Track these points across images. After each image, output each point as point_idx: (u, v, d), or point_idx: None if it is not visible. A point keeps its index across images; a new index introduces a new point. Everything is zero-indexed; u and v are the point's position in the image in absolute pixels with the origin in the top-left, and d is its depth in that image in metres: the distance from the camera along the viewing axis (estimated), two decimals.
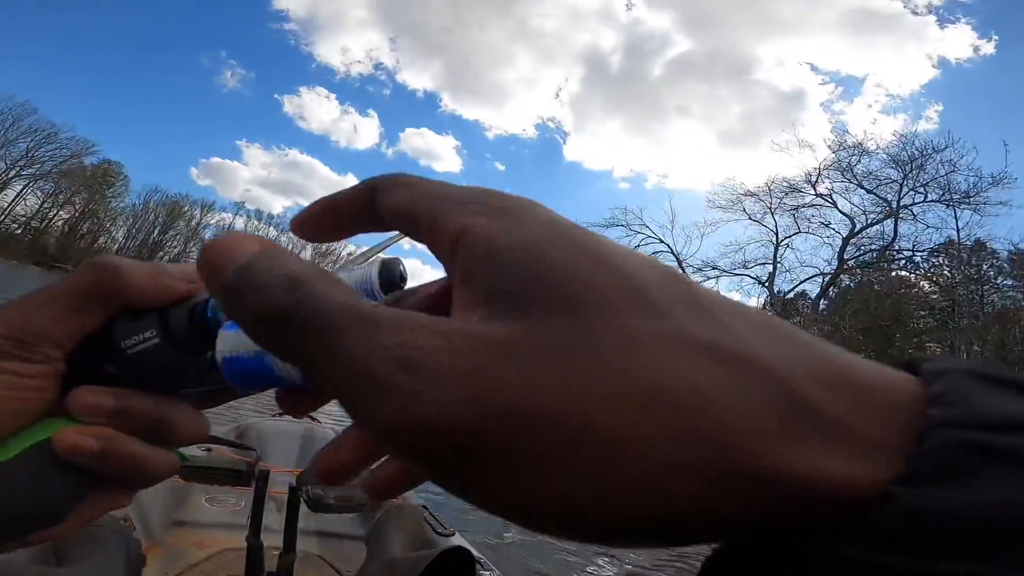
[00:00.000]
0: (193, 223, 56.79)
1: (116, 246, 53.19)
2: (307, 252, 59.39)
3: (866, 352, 14.93)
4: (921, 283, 16.92)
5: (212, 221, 57.97)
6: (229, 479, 1.00)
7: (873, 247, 17.75)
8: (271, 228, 60.33)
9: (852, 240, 18.03)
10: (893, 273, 17.39)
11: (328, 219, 0.19)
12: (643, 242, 23.73)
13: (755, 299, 23.87)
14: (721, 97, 75.70)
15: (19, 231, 47.15)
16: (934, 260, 16.82)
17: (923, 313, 16.21)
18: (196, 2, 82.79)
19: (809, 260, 20.05)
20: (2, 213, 46.58)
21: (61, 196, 49.56)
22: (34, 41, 70.86)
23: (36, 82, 69.27)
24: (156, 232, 54.95)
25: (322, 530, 1.69)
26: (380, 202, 0.17)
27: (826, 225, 19.03)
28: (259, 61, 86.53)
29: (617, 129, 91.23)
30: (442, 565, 1.16)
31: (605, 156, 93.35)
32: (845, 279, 18.66)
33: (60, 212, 50.05)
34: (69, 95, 71.98)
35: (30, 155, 46.49)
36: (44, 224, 49.26)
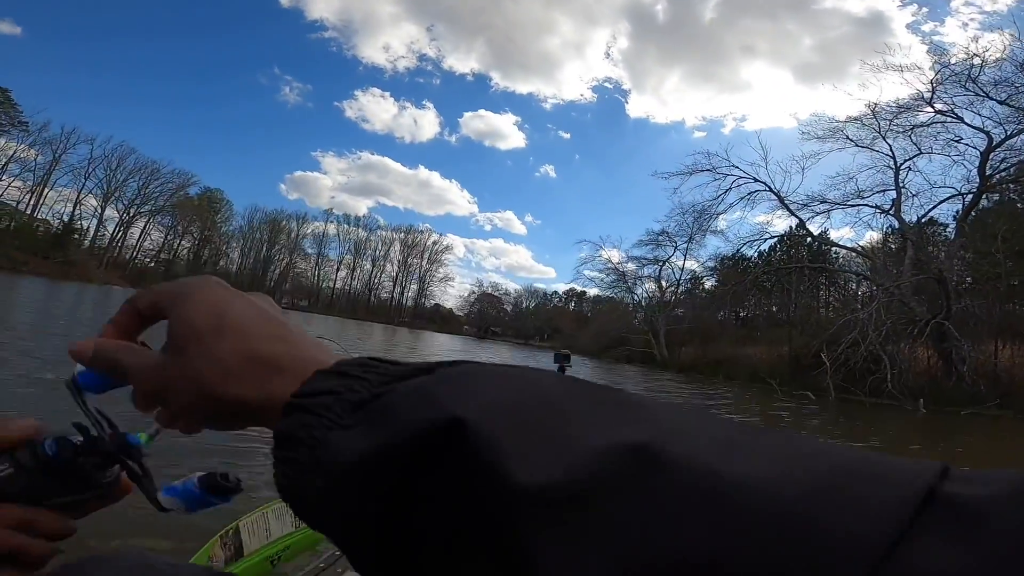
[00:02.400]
0: (293, 236, 61.78)
1: (234, 266, 59.22)
2: (395, 247, 61.56)
3: (1015, 277, 14.06)
4: None
5: (308, 232, 62.76)
6: None
7: (1021, 158, 15.82)
8: (359, 230, 64.08)
9: (992, 153, 16.28)
10: None
11: (120, 334, 0.32)
12: (735, 183, 22.86)
13: (877, 232, 22.09)
14: (788, 31, 70.82)
15: (152, 264, 53.57)
16: None
17: None
18: (238, 25, 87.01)
19: (940, 181, 18.60)
20: (134, 250, 53.19)
21: (180, 227, 55.64)
22: (103, 78, 77.09)
23: (113, 120, 76.66)
24: (264, 249, 60.44)
25: None
26: (140, 308, 0.31)
27: (956, 142, 17.22)
28: (311, 72, 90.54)
29: (679, 79, 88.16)
30: None
31: (673, 108, 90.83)
32: (984, 201, 17.00)
33: (182, 242, 56.35)
34: (149, 129, 79.29)
35: (142, 193, 52.21)
36: (172, 255, 55.67)
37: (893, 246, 20.64)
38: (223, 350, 0.26)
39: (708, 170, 23.63)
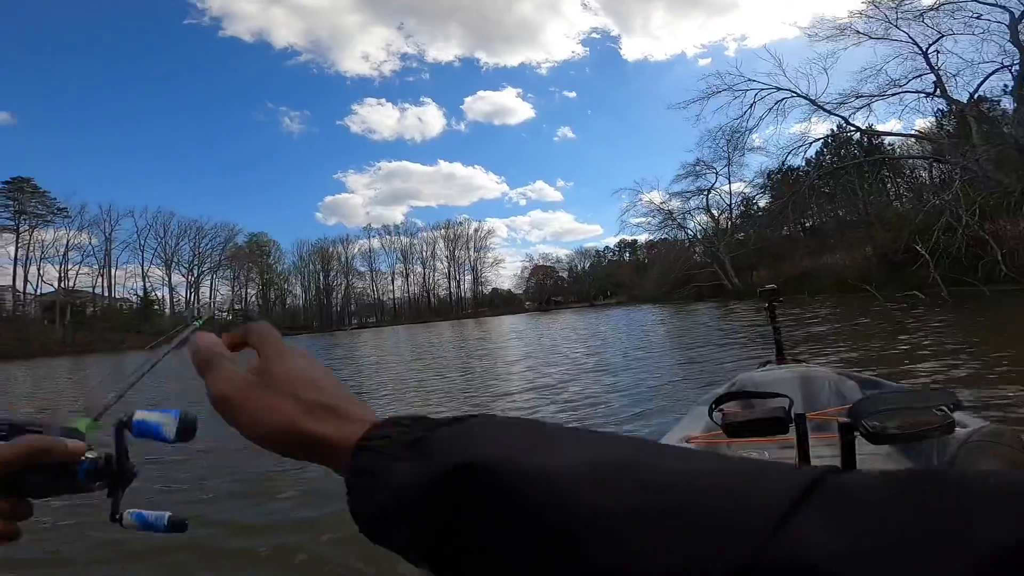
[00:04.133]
0: (343, 259, 63.93)
1: (300, 301, 62.12)
2: (439, 244, 61.80)
3: None
4: None
5: (355, 251, 64.72)
6: (769, 428, 1.07)
7: None
8: (401, 237, 65.48)
9: (1020, 25, 15.66)
10: None
11: (231, 345, 0.40)
12: (758, 97, 22.30)
13: (925, 119, 21.21)
14: None
15: (230, 317, 56.96)
16: None
17: None
18: (212, 71, 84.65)
19: (977, 59, 17.67)
20: (211, 306, 56.60)
21: (241, 276, 58.72)
22: (113, 141, 78.50)
23: (133, 187, 79.35)
24: (321, 278, 62.83)
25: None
26: (243, 336, 0.41)
27: (976, 18, 16.60)
28: (303, 99, 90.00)
29: (664, 12, 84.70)
30: None
31: (668, 43, 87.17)
32: None
33: (247, 290, 59.49)
34: (174, 189, 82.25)
35: (197, 252, 55.50)
36: (244, 304, 58.98)
37: (950, 128, 19.54)
38: (308, 396, 0.35)
39: (725, 90, 23.20)
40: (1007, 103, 18.22)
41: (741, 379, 2.27)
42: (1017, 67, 16.16)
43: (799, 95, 21.79)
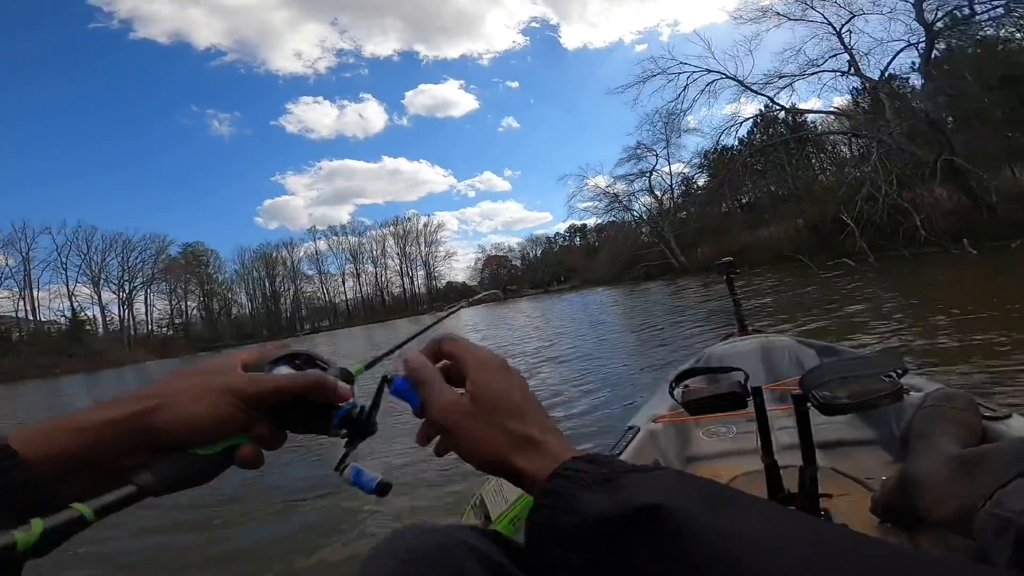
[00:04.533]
0: (289, 264, 61.77)
1: (247, 310, 59.67)
2: (389, 241, 60.12)
3: (997, 109, 14.55)
4: None
5: (301, 255, 62.61)
6: (728, 403, 1.09)
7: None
8: (349, 237, 63.97)
9: (925, 2, 16.77)
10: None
11: (433, 357, 0.45)
12: (690, 79, 23.34)
13: (842, 97, 22.86)
14: None
15: (170, 333, 54.13)
16: None
17: None
18: (129, 77, 78.69)
19: (886, 37, 19.10)
20: (148, 324, 53.63)
21: (179, 289, 55.78)
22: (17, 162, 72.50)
23: (50, 201, 73.53)
24: (266, 284, 60.56)
25: (823, 441, 1.52)
26: (443, 346, 0.45)
27: None
28: (231, 100, 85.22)
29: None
30: None
31: (606, 30, 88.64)
32: (934, 52, 17.55)
33: (188, 303, 56.62)
34: (96, 203, 76.27)
35: (126, 268, 52.17)
36: (185, 317, 56.03)
37: (865, 105, 21.15)
38: (514, 428, 0.40)
39: (659, 73, 24.12)
40: (915, 80, 19.84)
41: (707, 353, 2.32)
42: (923, 45, 17.43)
43: (728, 76, 22.93)
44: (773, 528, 0.29)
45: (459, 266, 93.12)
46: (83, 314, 49.51)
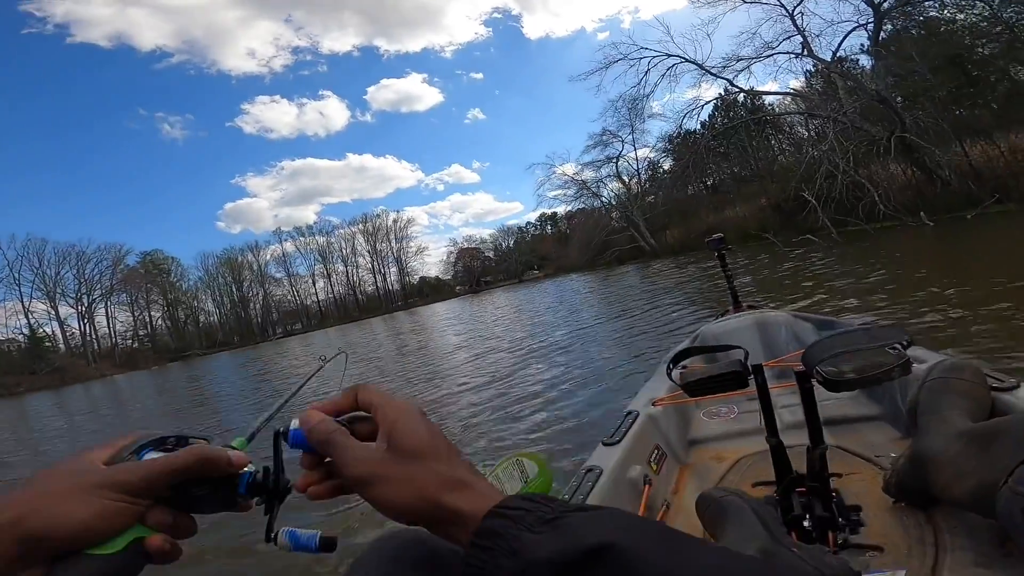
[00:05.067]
0: (255, 268, 60.33)
1: (215, 317, 58.11)
2: (359, 239, 58.97)
3: (942, 88, 15.18)
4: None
5: (267, 258, 61.21)
6: (729, 383, 1.05)
7: None
8: (316, 237, 62.79)
9: None
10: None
11: (334, 412, 0.43)
12: (651, 64, 23.62)
13: (797, 80, 23.64)
14: None
15: (136, 344, 52.33)
16: None
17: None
18: (67, 81, 74.20)
19: (837, 19, 19.71)
20: (111, 336, 51.76)
21: (141, 299, 53.92)
22: None
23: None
24: (233, 290, 59.06)
25: (827, 418, 1.39)
26: (359, 397, 0.43)
27: None
28: (182, 102, 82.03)
29: None
30: None
31: (568, 19, 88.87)
32: (882, 34, 18.10)
33: (151, 313, 54.83)
34: (45, 215, 73.52)
35: (83, 280, 50.26)
36: (149, 328, 54.27)
37: (818, 87, 21.85)
38: (441, 470, 0.38)
39: (621, 59, 24.27)
40: (865, 60, 20.52)
41: (703, 332, 2.27)
42: (872, 25, 17.92)
43: (687, 60, 23.17)
44: (727, 569, 0.29)
45: (432, 260, 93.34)
46: (41, 331, 47.57)
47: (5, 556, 0.34)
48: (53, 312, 48.62)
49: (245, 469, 0.42)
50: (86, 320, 50.10)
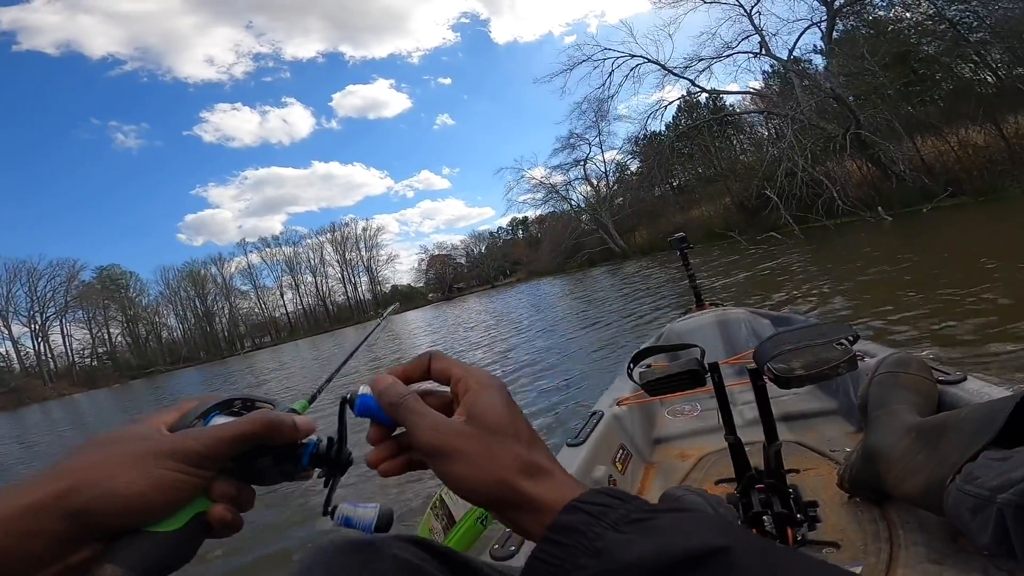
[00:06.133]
0: (220, 281, 58.64)
1: (178, 333, 56.24)
2: (327, 249, 58.00)
3: (892, 86, 15.75)
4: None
5: (232, 270, 59.60)
6: (687, 381, 1.04)
7: None
8: (283, 247, 61.50)
9: None
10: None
11: (405, 379, 0.39)
12: (615, 65, 24.00)
13: (756, 81, 24.37)
14: None
15: (95, 362, 50.30)
16: None
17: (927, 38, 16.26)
18: (11, 91, 71.51)
19: (793, 17, 20.34)
20: (69, 355, 49.65)
21: (99, 316, 51.92)
22: None
23: None
24: (197, 304, 57.24)
25: (785, 413, 1.55)
26: (432, 365, 0.40)
27: None
28: (137, 111, 79.38)
29: None
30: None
31: (535, 23, 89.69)
32: (835, 33, 18.72)
33: (110, 330, 52.80)
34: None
35: (36, 298, 48.23)
36: (109, 345, 52.21)
37: (776, 87, 22.48)
38: (520, 453, 0.35)
39: (585, 60, 24.62)
40: (819, 60, 21.11)
41: (667, 331, 2.31)
42: (826, 23, 18.49)
43: (650, 60, 23.57)
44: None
45: (403, 268, 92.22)
46: None
47: (51, 535, 0.29)
48: (6, 331, 46.70)
49: (309, 440, 0.40)
50: (40, 339, 48.13)
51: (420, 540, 0.43)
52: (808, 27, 19.45)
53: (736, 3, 20.35)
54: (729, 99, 27.33)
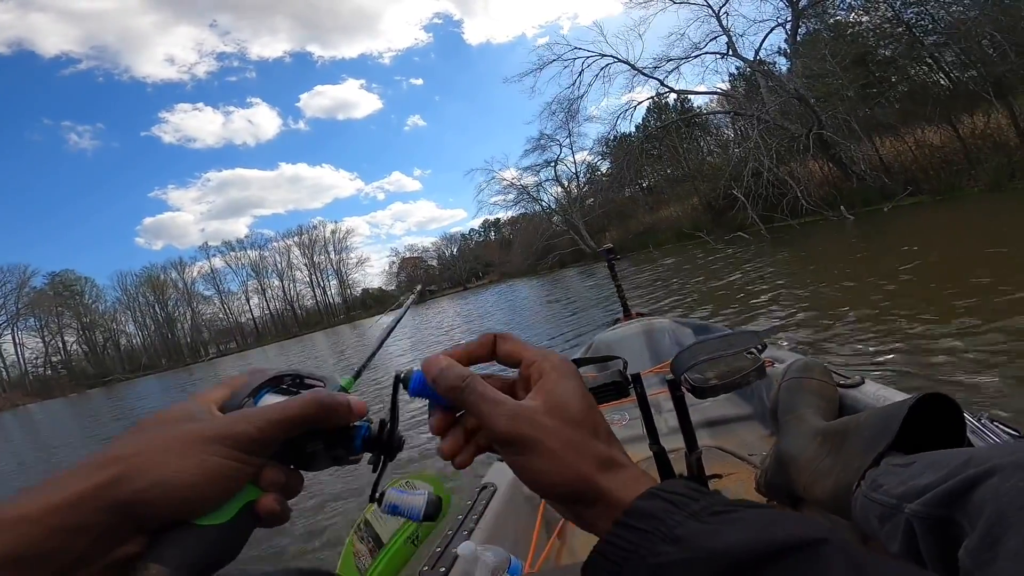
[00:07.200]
0: (181, 286, 56.68)
1: (137, 340, 54.14)
2: (295, 252, 57.20)
3: (851, 87, 16.10)
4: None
5: (194, 275, 57.63)
6: (611, 392, 1.04)
7: None
8: (248, 251, 59.92)
9: None
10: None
11: (465, 361, 0.36)
12: (585, 64, 24.10)
13: (723, 82, 24.78)
14: None
15: (50, 372, 48.07)
16: None
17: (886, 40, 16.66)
18: None
19: (759, 18, 20.68)
20: (21, 364, 47.35)
21: (52, 324, 49.70)
22: None
23: None
24: (157, 310, 55.25)
25: (706, 419, 1.59)
26: (499, 346, 0.37)
27: None
28: (91, 111, 75.78)
29: None
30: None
31: (508, 25, 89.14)
32: (808, 25, 19.11)
33: (64, 338, 50.56)
34: None
35: None
36: (64, 354, 49.91)
37: (741, 88, 22.84)
38: (595, 446, 0.33)
39: (555, 60, 24.61)
40: (783, 62, 21.57)
41: (596, 341, 2.32)
42: (791, 23, 18.91)
43: (620, 60, 23.65)
44: None
45: (374, 271, 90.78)
46: None
47: (94, 530, 0.27)
48: None
49: (361, 422, 0.38)
50: None
51: (322, 572, 0.40)
52: (774, 28, 19.88)
53: (705, 3, 20.62)
54: (697, 100, 27.97)
